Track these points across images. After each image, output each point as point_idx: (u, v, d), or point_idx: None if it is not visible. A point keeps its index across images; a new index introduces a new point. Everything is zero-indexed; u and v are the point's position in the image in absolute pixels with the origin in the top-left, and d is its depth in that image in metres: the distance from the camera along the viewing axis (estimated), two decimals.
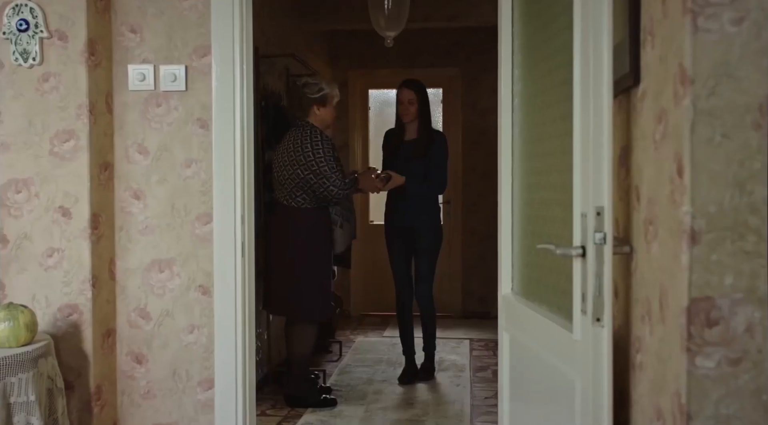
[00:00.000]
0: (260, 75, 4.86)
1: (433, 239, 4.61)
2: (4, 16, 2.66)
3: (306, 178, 3.99)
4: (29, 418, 2.36)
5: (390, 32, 4.51)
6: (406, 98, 4.51)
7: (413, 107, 4.51)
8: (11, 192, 2.70)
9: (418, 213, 4.54)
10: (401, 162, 4.52)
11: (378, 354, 5.73)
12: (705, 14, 1.34)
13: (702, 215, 1.35)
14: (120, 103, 2.82)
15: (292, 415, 4.15)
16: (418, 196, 4.50)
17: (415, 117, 4.54)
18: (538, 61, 2.26)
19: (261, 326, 4.74)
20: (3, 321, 2.41)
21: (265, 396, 4.47)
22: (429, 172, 4.51)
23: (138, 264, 2.85)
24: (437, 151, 4.54)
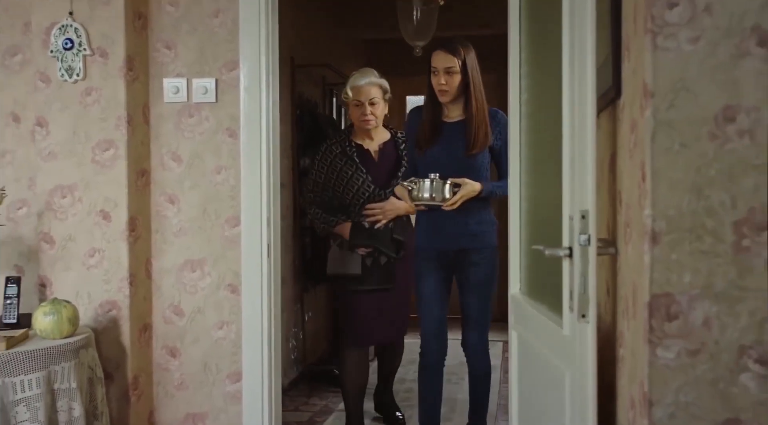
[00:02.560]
0: (296, 84, 5.07)
1: (491, 267, 3.18)
2: (51, 36, 2.90)
3: None
4: (71, 404, 2.58)
5: (419, 41, 4.66)
6: (442, 66, 3.06)
7: (454, 79, 3.06)
8: (57, 197, 2.94)
9: (470, 230, 3.13)
10: (445, 156, 3.09)
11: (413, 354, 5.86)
12: (664, 34, 1.46)
13: (662, 218, 1.47)
14: (156, 114, 3.04)
15: (324, 410, 4.34)
16: (471, 206, 3.09)
17: (459, 94, 3.09)
18: (538, 73, 2.39)
19: (297, 325, 4.93)
20: (48, 315, 2.64)
21: (299, 393, 4.66)
22: (484, 168, 3.15)
23: (172, 264, 3.05)
24: (504, 134, 3.05)
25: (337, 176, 3.53)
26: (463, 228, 3.13)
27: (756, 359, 1.44)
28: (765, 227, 1.43)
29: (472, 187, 3.05)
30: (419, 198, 3.06)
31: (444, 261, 3.18)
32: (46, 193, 2.94)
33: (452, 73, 3.07)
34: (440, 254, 3.17)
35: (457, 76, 3.07)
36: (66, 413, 2.56)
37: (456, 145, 3.11)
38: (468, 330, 3.29)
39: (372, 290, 3.55)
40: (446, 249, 3.16)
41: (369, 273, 3.52)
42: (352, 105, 3.57)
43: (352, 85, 3.55)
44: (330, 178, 3.56)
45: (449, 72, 3.07)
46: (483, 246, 3.16)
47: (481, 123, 3.11)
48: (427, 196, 3.04)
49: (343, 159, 3.53)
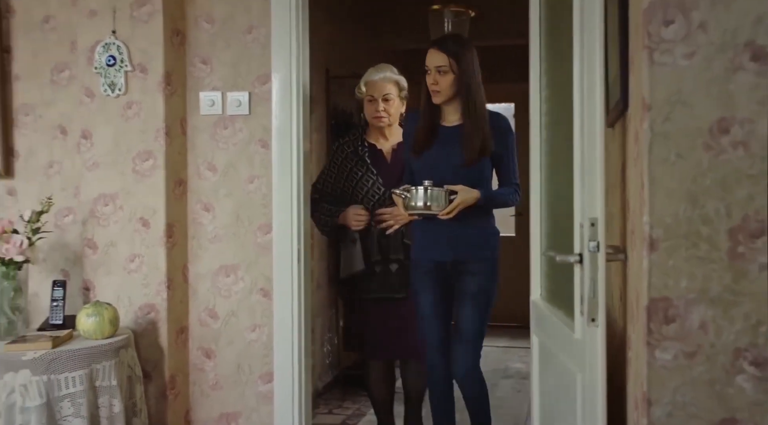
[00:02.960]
0: (330, 94, 5.21)
1: (487, 279, 3.02)
2: (95, 54, 3.07)
3: None
4: (112, 400, 2.73)
5: None
6: (433, 65, 2.94)
7: (446, 79, 2.93)
8: (100, 205, 3.10)
9: (468, 241, 3.00)
10: (442, 162, 2.97)
11: None
12: (660, 49, 1.53)
13: (659, 225, 1.54)
14: (192, 126, 3.19)
15: (356, 414, 4.44)
16: (470, 215, 2.96)
17: (452, 95, 2.97)
18: (556, 84, 2.46)
19: (331, 330, 5.05)
20: (90, 316, 2.80)
21: (333, 397, 4.78)
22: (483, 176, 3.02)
23: (207, 269, 3.19)
24: (505, 140, 3.00)
25: (347, 176, 3.41)
26: (461, 238, 2.97)
27: (751, 361, 1.50)
28: (759, 234, 1.49)
29: (469, 195, 2.90)
30: (413, 207, 2.91)
31: (441, 273, 3.02)
32: (90, 202, 3.11)
33: (444, 73, 2.93)
34: (437, 266, 3.01)
35: (450, 75, 2.92)
36: (107, 409, 2.71)
37: (453, 150, 2.94)
38: (456, 342, 3.01)
39: (381, 299, 3.35)
40: (443, 261, 3.01)
41: (379, 281, 3.33)
42: (366, 101, 3.45)
43: (366, 79, 3.44)
44: (340, 177, 3.44)
45: (441, 71, 2.93)
46: (481, 257, 3.00)
47: (478, 129, 2.93)
48: (421, 205, 2.90)
49: (354, 159, 3.41)
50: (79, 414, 2.62)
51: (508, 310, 5.86)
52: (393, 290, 3.29)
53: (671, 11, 1.52)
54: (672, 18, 1.52)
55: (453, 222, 2.93)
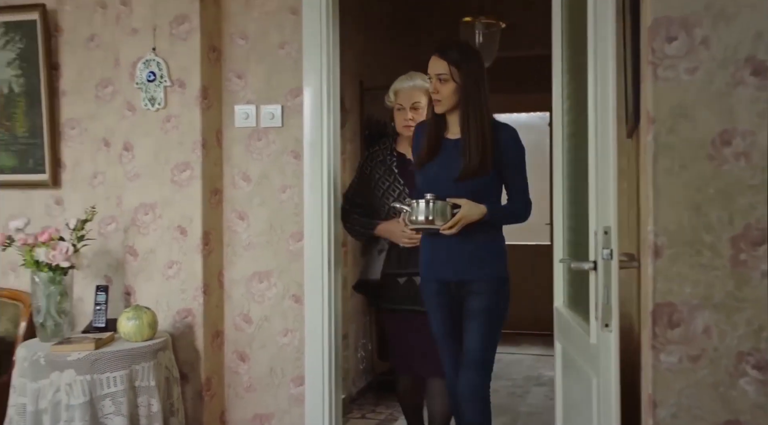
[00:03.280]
0: (364, 105, 5.32)
1: (492, 298, 2.86)
2: (137, 70, 3.23)
3: None
4: (150, 400, 2.86)
5: None
6: (433, 72, 2.84)
7: (447, 87, 2.80)
8: (141, 214, 3.25)
9: (471, 259, 2.85)
10: (443, 176, 2.83)
11: None
12: (664, 65, 1.60)
13: (663, 233, 1.61)
14: (228, 138, 3.33)
15: (389, 419, 4.53)
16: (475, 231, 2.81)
17: (454, 104, 2.84)
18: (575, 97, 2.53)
19: (366, 337, 5.15)
20: (131, 320, 2.94)
21: (366, 402, 4.87)
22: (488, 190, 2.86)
23: (242, 275, 3.32)
24: (510, 154, 2.87)
25: (375, 185, 3.36)
26: (463, 256, 2.82)
27: (754, 365, 1.55)
28: (760, 242, 1.55)
29: (474, 210, 2.76)
30: (415, 221, 2.77)
31: (448, 293, 2.88)
32: (131, 211, 3.27)
33: (444, 81, 2.80)
34: (443, 285, 2.88)
35: (450, 83, 2.79)
36: (146, 408, 2.84)
37: (454, 164, 2.81)
38: (466, 372, 2.83)
39: (404, 311, 3.25)
40: (448, 280, 2.87)
41: (402, 292, 3.25)
42: (395, 109, 3.38)
43: (395, 87, 3.38)
44: (368, 187, 3.39)
45: (441, 79, 2.80)
46: (486, 277, 2.84)
47: (478, 142, 2.78)
48: (422, 219, 2.75)
49: (382, 168, 3.36)
50: (119, 413, 2.76)
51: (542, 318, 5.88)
52: (415, 303, 3.15)
53: (674, 28, 1.59)
54: (675, 35, 1.59)
55: (455, 239, 2.79)
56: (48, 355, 2.79)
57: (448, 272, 2.87)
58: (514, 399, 5.07)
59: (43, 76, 3.40)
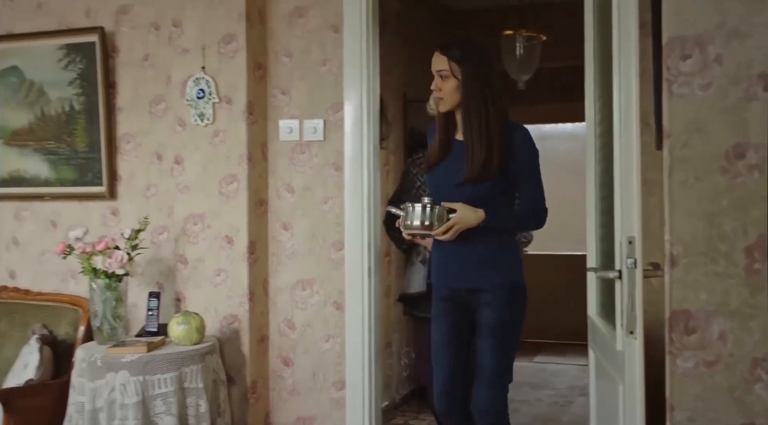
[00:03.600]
0: (408, 117, 5.43)
1: (503, 309, 2.68)
2: (187, 87, 3.40)
3: None
4: (198, 401, 3.02)
5: (523, 76, 4.89)
6: (435, 68, 2.72)
7: (449, 84, 2.67)
8: (190, 224, 3.42)
9: (479, 266, 2.69)
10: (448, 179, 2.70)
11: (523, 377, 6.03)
12: (678, 82, 1.67)
13: (679, 243, 1.67)
14: (272, 151, 3.47)
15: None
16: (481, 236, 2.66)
17: (458, 102, 2.68)
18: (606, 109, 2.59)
19: (409, 345, 5.24)
20: (180, 325, 3.10)
21: (409, 409, 4.96)
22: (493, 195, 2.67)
23: (286, 283, 3.46)
24: (520, 156, 2.68)
25: (415, 194, 3.41)
26: (473, 263, 2.68)
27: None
28: None
29: (470, 214, 2.60)
30: (409, 226, 2.65)
31: (457, 301, 2.72)
32: (181, 221, 3.44)
33: (444, 77, 2.67)
34: (452, 293, 2.73)
35: (452, 80, 2.65)
36: (194, 408, 3.00)
37: (459, 167, 2.66)
38: (477, 384, 2.67)
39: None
40: (457, 288, 2.72)
41: None
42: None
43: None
44: (410, 193, 3.44)
45: (441, 75, 2.69)
46: (495, 285, 2.66)
47: (479, 144, 2.62)
48: (417, 224, 2.63)
49: (422, 176, 3.41)
50: (169, 412, 2.92)
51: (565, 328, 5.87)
52: None
53: (689, 46, 1.66)
54: (689, 53, 1.66)
55: (463, 245, 2.66)
56: (104, 357, 2.97)
57: (456, 279, 2.72)
58: (557, 408, 5.10)
59: (101, 94, 3.61)
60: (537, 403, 5.21)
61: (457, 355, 2.72)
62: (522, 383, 5.78)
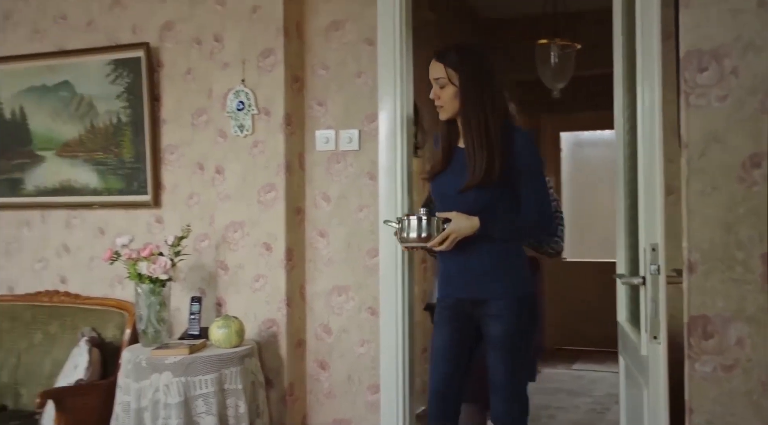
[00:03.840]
0: None
1: (512, 320, 2.62)
2: (227, 100, 3.54)
3: None
4: (237, 402, 3.13)
5: (557, 84, 4.93)
6: (432, 77, 2.70)
7: (447, 92, 2.65)
8: (230, 231, 3.55)
9: (487, 276, 2.64)
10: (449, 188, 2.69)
11: (560, 384, 6.05)
12: (696, 93, 1.72)
13: (697, 250, 1.72)
14: (309, 161, 3.58)
15: None
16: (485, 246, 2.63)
17: (458, 110, 2.66)
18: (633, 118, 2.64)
19: None
20: (221, 328, 3.23)
21: None
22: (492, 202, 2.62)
23: (322, 289, 3.56)
24: (522, 160, 2.62)
25: None
26: (476, 272, 2.63)
27: None
28: None
29: (464, 223, 2.56)
30: (407, 239, 2.64)
31: (462, 310, 2.68)
32: (222, 229, 3.57)
33: (443, 86, 2.65)
34: (457, 303, 2.69)
35: (450, 88, 2.63)
36: (233, 409, 3.11)
37: (462, 175, 2.63)
38: (494, 399, 2.65)
39: None
40: (463, 298, 2.67)
41: None
42: None
43: None
44: None
45: (439, 83, 2.66)
46: (500, 295, 2.60)
47: (480, 150, 2.57)
48: (414, 236, 2.61)
49: None
50: (210, 412, 3.04)
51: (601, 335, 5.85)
52: None
53: (705, 59, 1.71)
54: (706, 65, 1.72)
55: (466, 254, 2.62)
56: (149, 358, 3.10)
57: (461, 289, 2.67)
58: (594, 415, 5.11)
59: (147, 106, 3.77)
60: (574, 410, 5.23)
61: (456, 362, 2.68)
62: (559, 390, 5.80)
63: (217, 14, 3.57)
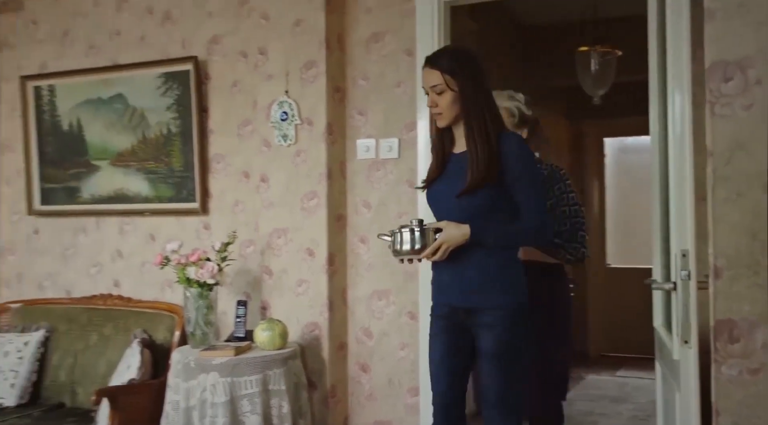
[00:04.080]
0: None
1: (506, 331, 2.50)
2: (271, 110, 3.67)
3: None
4: (281, 402, 3.24)
5: (598, 91, 4.94)
6: (427, 85, 2.60)
7: (445, 98, 2.56)
8: (274, 237, 3.67)
9: (480, 285, 2.53)
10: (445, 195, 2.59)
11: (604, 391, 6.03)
12: (720, 103, 1.77)
13: (722, 256, 1.76)
14: (350, 169, 3.69)
15: None
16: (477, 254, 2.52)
17: (456, 116, 2.57)
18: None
19: None
20: (265, 331, 3.34)
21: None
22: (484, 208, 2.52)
23: (363, 294, 3.65)
24: (515, 165, 2.51)
25: None
26: (468, 280, 2.53)
27: None
28: None
29: (455, 232, 2.48)
30: (400, 251, 2.57)
31: (455, 321, 2.58)
32: (266, 235, 3.69)
33: (440, 92, 2.55)
34: (450, 312, 2.59)
35: (448, 94, 2.53)
36: (277, 409, 3.22)
37: (459, 180, 2.53)
38: (486, 414, 2.54)
39: None
40: (456, 306, 2.57)
41: None
42: None
43: None
44: None
45: (436, 91, 2.56)
46: (494, 306, 2.49)
47: (483, 155, 2.49)
48: (408, 248, 2.54)
49: None
50: (255, 412, 3.15)
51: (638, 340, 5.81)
52: None
53: (730, 69, 1.75)
54: (731, 75, 1.76)
55: (461, 263, 2.53)
56: (197, 359, 3.23)
57: (455, 297, 2.57)
58: (636, 422, 5.09)
59: (195, 117, 3.92)
60: (617, 416, 5.21)
61: (454, 372, 2.61)
62: (602, 396, 5.79)
63: (262, 28, 3.71)
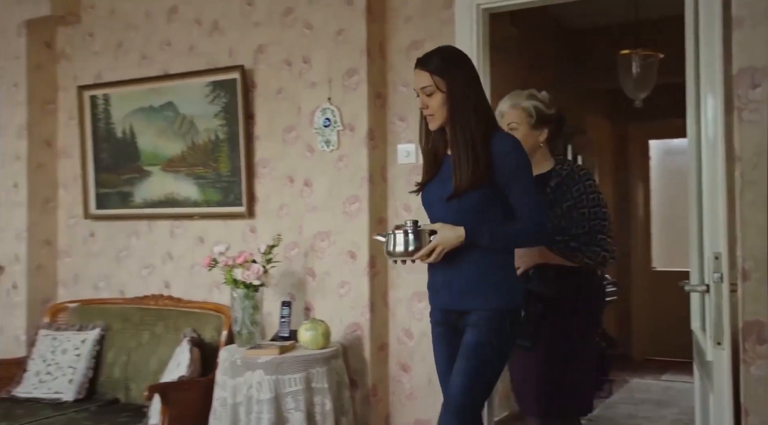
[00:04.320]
0: None
1: (489, 331, 2.48)
2: (314, 117, 3.78)
3: None
4: (324, 400, 3.34)
5: (640, 94, 4.93)
6: (418, 86, 2.58)
7: (436, 100, 2.53)
8: (318, 240, 3.78)
9: (471, 286, 2.52)
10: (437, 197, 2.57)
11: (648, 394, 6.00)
12: (748, 109, 1.80)
13: (750, 258, 1.80)
14: (391, 174, 3.77)
15: None
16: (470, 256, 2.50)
17: (445, 118, 2.54)
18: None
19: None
20: (308, 331, 3.45)
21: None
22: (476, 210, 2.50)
23: (404, 295, 3.73)
24: (508, 165, 2.48)
25: None
26: (459, 282, 2.53)
27: None
28: None
29: (449, 234, 2.46)
30: (393, 253, 2.55)
31: (450, 326, 2.60)
32: (310, 238, 3.80)
33: (430, 94, 2.53)
34: (445, 317, 2.62)
35: (438, 95, 2.51)
36: (320, 406, 3.33)
37: (449, 182, 2.52)
38: (442, 410, 2.54)
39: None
40: (448, 310, 2.60)
41: None
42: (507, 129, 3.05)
43: (498, 109, 3.09)
44: None
45: (426, 92, 2.54)
46: (481, 307, 2.48)
47: (465, 157, 2.47)
48: (401, 250, 2.52)
49: None
50: (299, 409, 3.26)
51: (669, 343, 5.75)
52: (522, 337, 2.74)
53: (758, 76, 1.79)
54: (759, 82, 1.79)
55: (453, 265, 2.52)
56: (243, 358, 3.36)
57: (447, 300, 2.58)
58: None
59: (242, 124, 4.06)
60: (660, 420, 5.19)
61: None
62: (647, 400, 5.76)
63: (306, 37, 3.83)
